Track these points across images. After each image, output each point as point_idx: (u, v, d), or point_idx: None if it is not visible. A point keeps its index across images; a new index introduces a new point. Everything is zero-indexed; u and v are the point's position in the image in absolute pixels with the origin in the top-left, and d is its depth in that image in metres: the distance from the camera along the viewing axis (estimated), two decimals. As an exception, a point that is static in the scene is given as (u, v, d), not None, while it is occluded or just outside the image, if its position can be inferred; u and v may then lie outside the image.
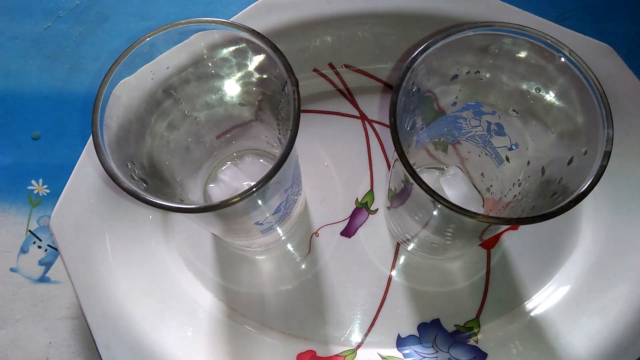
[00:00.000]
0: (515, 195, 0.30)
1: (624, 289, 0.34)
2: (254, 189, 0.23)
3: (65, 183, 0.36)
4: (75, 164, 0.36)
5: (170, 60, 0.27)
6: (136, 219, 0.37)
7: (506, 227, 0.37)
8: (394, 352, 0.35)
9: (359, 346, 0.35)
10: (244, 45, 0.27)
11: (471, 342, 0.35)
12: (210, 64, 0.29)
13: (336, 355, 0.35)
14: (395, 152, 0.24)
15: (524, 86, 0.27)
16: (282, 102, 0.28)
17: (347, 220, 0.39)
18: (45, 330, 0.38)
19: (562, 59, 0.25)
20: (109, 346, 0.33)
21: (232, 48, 0.28)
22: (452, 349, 0.35)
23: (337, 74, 0.41)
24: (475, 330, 0.35)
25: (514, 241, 0.38)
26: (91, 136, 0.25)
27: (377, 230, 0.38)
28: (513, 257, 0.37)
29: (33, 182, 0.42)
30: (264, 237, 0.35)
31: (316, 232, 0.38)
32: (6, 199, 0.42)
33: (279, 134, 0.31)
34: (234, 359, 0.35)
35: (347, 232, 0.38)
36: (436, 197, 0.23)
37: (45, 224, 0.41)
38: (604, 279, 0.35)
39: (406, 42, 0.40)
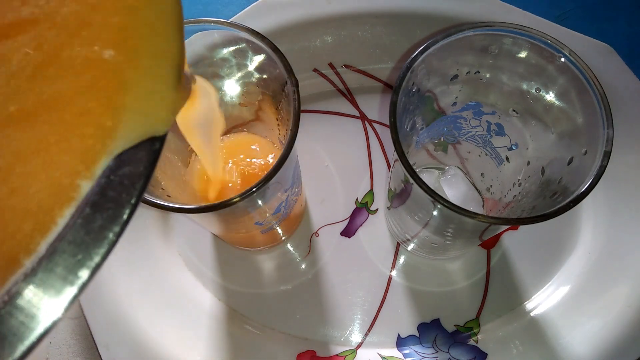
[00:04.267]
0: (515, 196, 0.30)
1: (624, 289, 0.34)
2: (254, 189, 0.23)
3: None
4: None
5: (170, 60, 0.27)
6: (136, 219, 0.37)
7: (506, 227, 0.37)
8: (394, 352, 0.35)
9: (359, 346, 0.35)
10: (244, 45, 0.27)
11: (471, 342, 0.35)
12: (210, 64, 0.29)
13: (336, 355, 0.35)
14: (395, 152, 0.24)
15: (524, 86, 0.27)
16: (282, 102, 0.28)
17: (347, 220, 0.39)
18: (45, 330, 0.38)
19: (562, 59, 0.25)
20: (109, 346, 0.33)
21: (232, 48, 0.28)
22: (452, 349, 0.35)
23: (337, 74, 0.41)
24: (475, 330, 0.35)
25: (514, 241, 0.38)
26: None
27: (377, 230, 0.38)
28: (513, 257, 0.37)
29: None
30: (264, 237, 0.35)
31: (316, 232, 0.38)
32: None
33: (279, 134, 0.31)
34: (234, 359, 0.35)
35: (347, 232, 0.38)
36: (436, 197, 0.23)
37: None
38: (604, 279, 0.35)
39: (406, 42, 0.40)
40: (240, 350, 0.35)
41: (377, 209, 0.39)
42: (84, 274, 0.12)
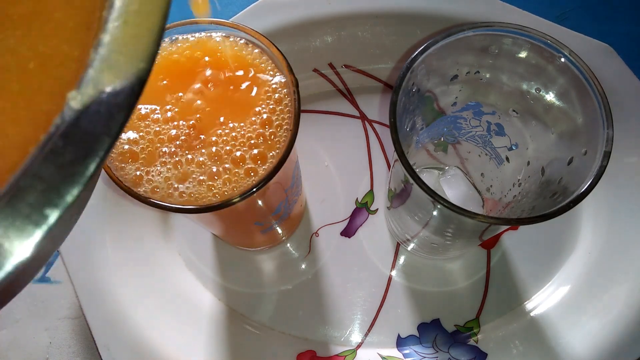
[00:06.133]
0: (515, 196, 0.30)
1: (624, 289, 0.34)
2: (254, 189, 0.23)
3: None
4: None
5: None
6: (136, 219, 0.37)
7: (506, 227, 0.37)
8: (394, 352, 0.35)
9: (359, 346, 0.35)
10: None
11: (471, 342, 0.35)
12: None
13: (336, 355, 0.35)
14: (395, 152, 0.24)
15: (524, 86, 0.27)
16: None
17: (347, 220, 0.39)
18: (45, 330, 0.38)
19: (562, 59, 0.25)
20: (109, 346, 0.33)
21: (232, 48, 0.28)
22: (452, 349, 0.35)
23: (337, 74, 0.41)
24: (475, 330, 0.35)
25: (514, 241, 0.38)
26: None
27: (377, 230, 0.38)
28: (513, 257, 0.37)
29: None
30: (264, 237, 0.36)
31: (316, 232, 0.38)
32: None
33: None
34: (233, 359, 0.35)
35: (347, 232, 0.38)
36: (436, 198, 0.23)
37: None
38: (604, 279, 0.35)
39: (406, 42, 0.40)
40: (240, 350, 0.35)
41: (377, 209, 0.39)
42: (52, 214, 0.11)
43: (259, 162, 0.25)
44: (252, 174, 0.25)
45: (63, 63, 0.13)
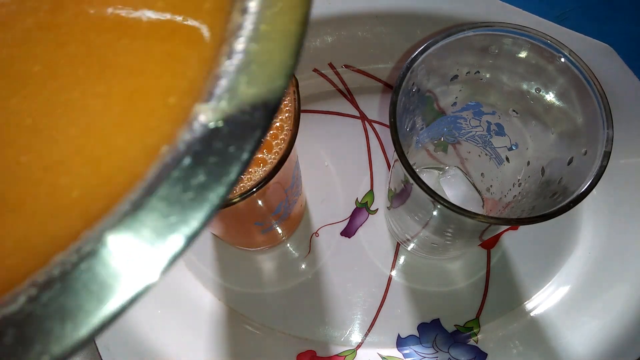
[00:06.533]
0: (515, 196, 0.30)
1: (624, 289, 0.34)
2: (254, 189, 0.23)
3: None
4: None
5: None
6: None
7: (506, 227, 0.37)
8: (394, 352, 0.35)
9: (359, 346, 0.35)
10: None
11: (471, 342, 0.35)
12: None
13: (336, 355, 0.35)
14: (395, 152, 0.24)
15: (524, 86, 0.27)
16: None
17: (347, 220, 0.39)
18: (45, 330, 0.38)
19: (562, 59, 0.25)
20: (109, 346, 0.33)
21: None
22: (452, 349, 0.35)
23: (337, 74, 0.41)
24: (475, 330, 0.35)
25: (514, 241, 0.38)
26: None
27: (377, 230, 0.38)
28: (513, 257, 0.37)
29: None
30: (264, 237, 0.36)
31: (316, 232, 0.38)
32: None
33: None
34: (233, 359, 0.35)
35: (347, 232, 0.38)
36: (436, 198, 0.23)
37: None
38: (604, 279, 0.35)
39: (406, 42, 0.40)
40: (240, 350, 0.35)
41: (377, 209, 0.39)
42: (176, 241, 0.10)
43: (259, 162, 0.25)
44: (251, 173, 0.25)
45: (175, 31, 0.12)
